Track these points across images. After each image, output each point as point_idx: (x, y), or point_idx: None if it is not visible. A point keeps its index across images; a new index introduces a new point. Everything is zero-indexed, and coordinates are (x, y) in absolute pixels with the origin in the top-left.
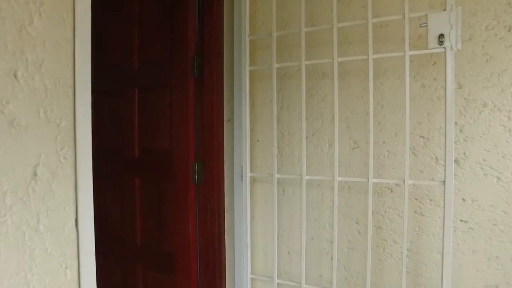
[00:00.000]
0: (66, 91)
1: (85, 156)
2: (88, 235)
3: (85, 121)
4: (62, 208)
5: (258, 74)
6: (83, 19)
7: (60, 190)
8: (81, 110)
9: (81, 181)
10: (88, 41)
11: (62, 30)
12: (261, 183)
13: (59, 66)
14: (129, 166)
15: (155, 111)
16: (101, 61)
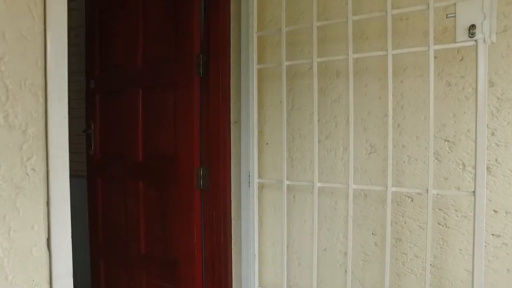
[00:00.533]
0: (34, 92)
1: (60, 165)
2: (64, 255)
3: (61, 126)
4: (29, 227)
5: (267, 73)
6: (56, 10)
7: (26, 207)
8: (55, 113)
9: (55, 194)
10: (63, 36)
11: (29, 21)
12: (270, 190)
13: (25, 63)
14: (133, 170)
15: (159, 113)
16: (106, 61)
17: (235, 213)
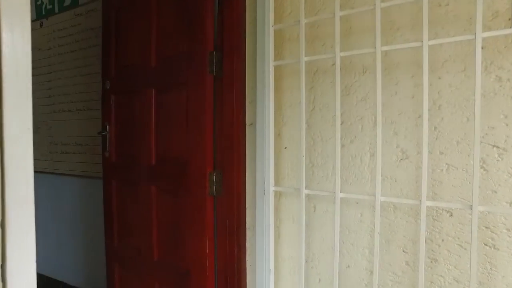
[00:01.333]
0: None
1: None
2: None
3: (22, 138)
4: None
5: (286, 70)
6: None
7: None
8: (13, 123)
9: (13, 218)
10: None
11: None
12: (288, 198)
13: None
14: (146, 174)
15: (172, 114)
16: (121, 61)
17: (250, 222)
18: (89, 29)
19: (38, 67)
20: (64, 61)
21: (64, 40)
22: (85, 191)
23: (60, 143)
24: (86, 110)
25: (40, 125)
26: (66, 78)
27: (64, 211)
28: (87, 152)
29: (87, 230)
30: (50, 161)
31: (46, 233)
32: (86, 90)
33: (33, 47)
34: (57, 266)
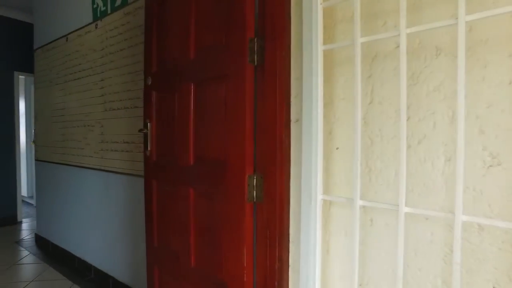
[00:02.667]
0: None
1: None
2: None
3: None
4: None
5: (338, 56)
6: None
7: None
8: None
9: None
10: None
11: None
12: (339, 208)
13: None
14: (184, 175)
15: (209, 110)
16: (161, 55)
17: (293, 234)
18: (137, 26)
19: (92, 67)
20: (114, 60)
21: (115, 40)
22: (133, 189)
23: (110, 141)
24: (133, 108)
25: (94, 123)
26: (115, 77)
27: (115, 207)
28: (133, 150)
29: (136, 228)
30: (101, 159)
31: (98, 226)
32: (133, 88)
33: (89, 48)
34: (107, 260)
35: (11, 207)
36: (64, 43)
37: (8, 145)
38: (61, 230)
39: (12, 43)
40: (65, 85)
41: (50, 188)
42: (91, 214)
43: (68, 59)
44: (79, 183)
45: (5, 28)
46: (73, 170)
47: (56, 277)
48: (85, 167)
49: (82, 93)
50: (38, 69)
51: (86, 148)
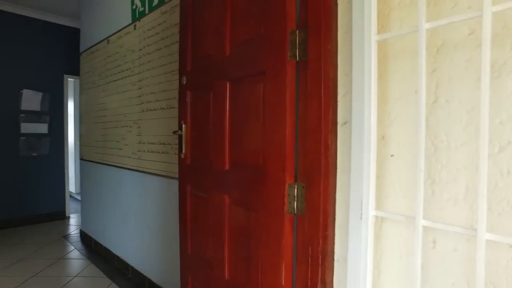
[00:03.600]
0: None
1: None
2: None
3: None
4: None
5: (395, 48)
6: None
7: None
8: None
9: None
10: None
11: None
12: (394, 225)
13: None
14: (219, 181)
15: (246, 110)
16: (196, 53)
17: (339, 253)
18: (173, 25)
19: (131, 68)
20: (151, 60)
21: (152, 39)
22: (170, 192)
23: (147, 142)
24: (169, 109)
25: (132, 124)
26: (152, 77)
27: (151, 209)
28: (169, 152)
29: (172, 231)
30: (139, 159)
31: (136, 227)
32: (169, 88)
33: (128, 49)
34: (144, 261)
35: (61, 203)
36: (106, 45)
37: (58, 144)
38: (103, 228)
39: (63, 47)
40: (106, 86)
41: (92, 186)
42: (129, 214)
43: (109, 61)
44: (118, 183)
45: (57, 34)
46: (113, 170)
47: (96, 274)
48: (124, 167)
49: (121, 94)
50: (83, 71)
51: (124, 148)
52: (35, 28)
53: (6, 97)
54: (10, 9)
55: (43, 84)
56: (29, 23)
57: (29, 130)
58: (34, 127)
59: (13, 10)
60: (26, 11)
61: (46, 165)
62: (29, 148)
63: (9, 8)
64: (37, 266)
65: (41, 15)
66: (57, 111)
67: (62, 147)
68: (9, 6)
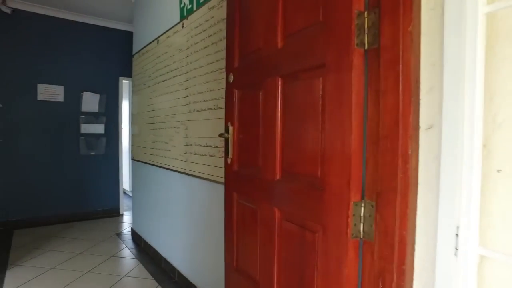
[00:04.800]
0: None
1: None
2: None
3: None
4: None
5: (508, 25)
6: None
7: None
8: None
9: None
10: None
11: None
12: (501, 269)
13: None
14: (268, 191)
15: (301, 111)
16: (244, 47)
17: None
18: (220, 20)
19: (178, 68)
20: (199, 59)
21: (199, 37)
22: (216, 197)
23: (194, 143)
24: (216, 109)
25: (179, 125)
26: (199, 76)
27: (198, 214)
28: (215, 155)
29: (219, 239)
30: (186, 162)
31: (183, 231)
32: (216, 88)
33: (176, 48)
34: (190, 267)
35: (115, 201)
36: (155, 46)
37: (114, 143)
38: (151, 228)
39: (118, 51)
40: (155, 87)
41: (143, 187)
42: (177, 217)
43: (158, 61)
44: (166, 185)
45: (113, 38)
46: (161, 172)
47: (144, 275)
48: (171, 169)
49: (169, 94)
50: (134, 73)
51: (172, 150)
52: (93, 33)
53: (70, 99)
54: (70, 17)
55: (100, 86)
56: (87, 29)
57: (87, 130)
58: (92, 127)
59: (72, 17)
60: (84, 17)
61: (102, 163)
62: (88, 148)
63: (68, 16)
64: (91, 262)
65: (98, 21)
66: (113, 112)
67: (117, 147)
68: (69, 14)
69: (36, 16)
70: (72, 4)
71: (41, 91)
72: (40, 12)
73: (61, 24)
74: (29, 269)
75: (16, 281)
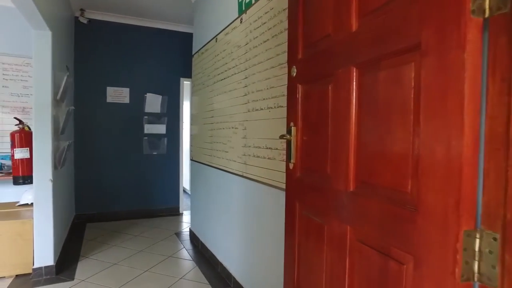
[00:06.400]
0: None
1: None
2: None
3: None
4: None
5: None
6: None
7: None
8: None
9: None
10: None
11: None
12: None
13: None
14: (339, 204)
15: (384, 107)
16: (309, 35)
17: None
18: (281, 11)
19: (237, 65)
20: (258, 54)
21: (258, 31)
22: (277, 204)
23: (253, 145)
24: (277, 108)
25: (238, 125)
26: (259, 73)
27: (257, 220)
28: (276, 158)
29: (278, 249)
30: (244, 164)
31: (240, 237)
32: (276, 84)
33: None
34: (247, 275)
35: (175, 200)
36: (214, 44)
37: (175, 143)
38: (209, 231)
39: (179, 52)
40: (213, 86)
41: (200, 188)
42: (234, 222)
43: (216, 60)
44: (223, 187)
45: (174, 40)
46: (219, 173)
47: (199, 279)
48: (229, 171)
49: (227, 93)
50: (194, 73)
51: (230, 151)
52: (156, 36)
53: (134, 101)
54: (136, 22)
55: (163, 87)
56: (150, 32)
57: (150, 131)
58: (154, 127)
59: (138, 22)
60: (149, 22)
61: (164, 163)
62: (150, 147)
63: (135, 21)
64: (151, 260)
65: (160, 24)
66: (174, 113)
67: (177, 147)
68: (136, 20)
69: (108, 24)
70: (139, 10)
71: (110, 94)
72: (111, 20)
73: (129, 30)
74: (96, 262)
75: (84, 273)
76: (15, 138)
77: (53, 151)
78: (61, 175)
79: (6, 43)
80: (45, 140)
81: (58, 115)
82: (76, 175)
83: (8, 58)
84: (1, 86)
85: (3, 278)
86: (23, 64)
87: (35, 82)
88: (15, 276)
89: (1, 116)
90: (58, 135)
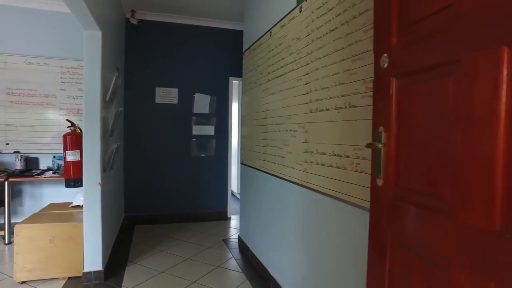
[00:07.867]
0: None
1: None
2: None
3: None
4: None
5: None
6: None
7: None
8: None
9: None
10: None
11: None
12: None
13: None
14: (475, 251)
15: None
16: (407, 13)
17: None
18: None
19: (296, 60)
20: (322, 46)
21: (323, 19)
22: (346, 222)
23: (316, 151)
24: (349, 108)
25: (297, 128)
26: (324, 68)
27: (318, 237)
28: (347, 167)
29: (347, 276)
30: (304, 172)
31: (298, 252)
32: (348, 80)
33: (292, 37)
34: None
35: (223, 204)
36: (268, 39)
37: (223, 145)
38: (260, 241)
39: (228, 51)
40: (267, 84)
41: (251, 194)
42: (289, 234)
43: (271, 55)
44: (278, 195)
45: (223, 38)
46: (272, 180)
47: None
48: (285, 179)
49: (284, 92)
50: (245, 71)
51: (287, 157)
52: (204, 35)
53: (183, 101)
54: (185, 21)
55: (211, 87)
56: (199, 31)
57: (198, 132)
58: (203, 129)
59: (186, 21)
60: (197, 20)
61: (212, 165)
62: (198, 149)
63: (184, 20)
64: (198, 270)
65: (209, 22)
66: (223, 114)
67: (226, 149)
68: (184, 18)
69: (157, 24)
70: (188, 8)
71: (159, 94)
72: (160, 20)
73: (178, 29)
74: (143, 269)
75: (131, 280)
76: (67, 140)
77: (101, 153)
78: (110, 177)
79: (64, 47)
80: (94, 142)
81: (107, 116)
82: (125, 177)
83: (67, 62)
84: (59, 89)
85: (57, 279)
86: (78, 67)
87: (85, 83)
88: (68, 278)
89: (59, 117)
90: (107, 137)
